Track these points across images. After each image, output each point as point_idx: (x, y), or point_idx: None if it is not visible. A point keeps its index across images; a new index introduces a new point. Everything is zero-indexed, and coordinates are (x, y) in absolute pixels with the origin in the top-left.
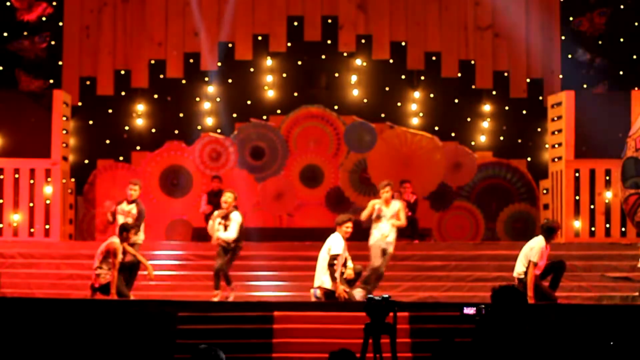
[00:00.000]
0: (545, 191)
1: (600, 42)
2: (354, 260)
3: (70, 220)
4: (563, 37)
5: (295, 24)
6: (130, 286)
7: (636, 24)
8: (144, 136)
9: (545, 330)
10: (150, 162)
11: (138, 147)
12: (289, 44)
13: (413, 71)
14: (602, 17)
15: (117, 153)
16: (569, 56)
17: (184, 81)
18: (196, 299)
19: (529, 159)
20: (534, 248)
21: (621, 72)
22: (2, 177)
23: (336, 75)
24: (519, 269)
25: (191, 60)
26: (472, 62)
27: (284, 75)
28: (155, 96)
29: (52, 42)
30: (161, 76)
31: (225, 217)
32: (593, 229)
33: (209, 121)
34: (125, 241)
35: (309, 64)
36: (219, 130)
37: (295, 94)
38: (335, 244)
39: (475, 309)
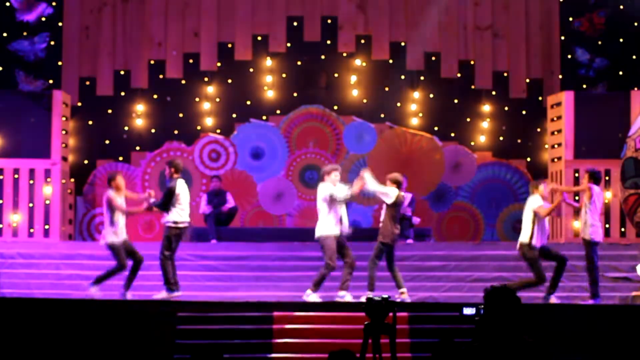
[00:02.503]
0: None
1: (599, 43)
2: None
3: (69, 220)
4: (562, 38)
5: (295, 24)
6: (129, 286)
7: (636, 24)
8: (143, 136)
9: (541, 330)
10: (149, 163)
11: (138, 148)
12: (288, 44)
13: (413, 71)
14: (602, 18)
15: (116, 153)
16: (569, 56)
17: (183, 81)
18: (196, 299)
19: (528, 159)
20: (533, 204)
21: (621, 73)
22: (1, 177)
23: (336, 75)
24: (525, 230)
25: (191, 61)
26: (472, 62)
27: (284, 75)
28: (155, 96)
29: (52, 43)
30: (161, 76)
31: None
32: None
33: (209, 121)
34: (117, 190)
35: (309, 64)
36: (218, 131)
37: (295, 94)
38: (330, 189)
39: (474, 309)
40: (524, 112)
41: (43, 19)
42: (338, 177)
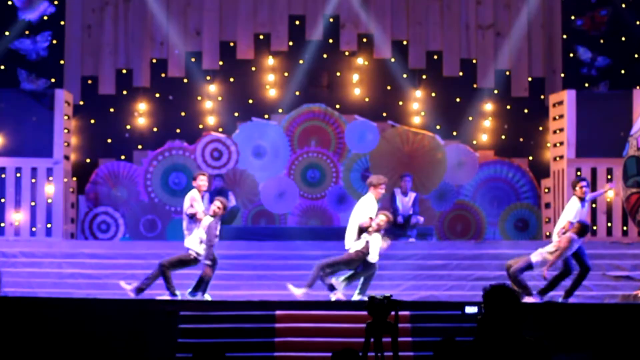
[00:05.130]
0: (547, 190)
1: (601, 41)
2: None
3: (72, 219)
4: (564, 36)
5: (297, 22)
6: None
7: (638, 22)
8: (145, 135)
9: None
10: (151, 162)
11: (140, 146)
12: (290, 43)
13: (415, 70)
14: (604, 16)
15: (118, 152)
16: (571, 55)
17: (185, 80)
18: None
19: (530, 157)
20: (570, 208)
21: (623, 71)
22: (3, 176)
23: (338, 74)
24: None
25: (193, 59)
26: (474, 61)
27: (286, 74)
28: (157, 95)
29: (54, 41)
30: (163, 75)
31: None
32: (595, 227)
33: (211, 120)
34: None
35: (311, 63)
36: (220, 129)
37: (297, 93)
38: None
39: (477, 308)
40: (526, 111)
41: (45, 17)
42: (384, 190)
